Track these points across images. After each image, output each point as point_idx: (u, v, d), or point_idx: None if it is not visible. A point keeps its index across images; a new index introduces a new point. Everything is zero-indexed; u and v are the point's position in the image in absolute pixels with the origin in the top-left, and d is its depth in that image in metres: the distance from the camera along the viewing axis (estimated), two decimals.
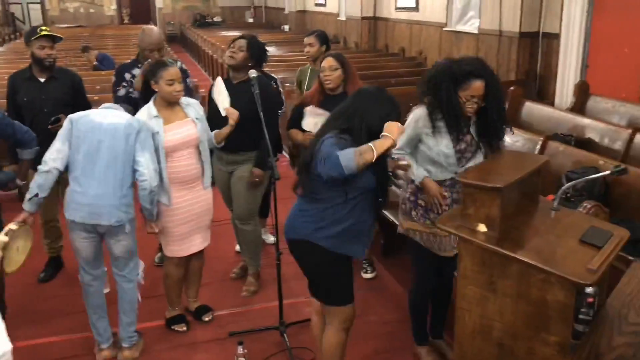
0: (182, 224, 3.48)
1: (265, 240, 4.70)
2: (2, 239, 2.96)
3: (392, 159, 2.85)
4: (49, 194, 4.07)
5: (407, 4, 10.58)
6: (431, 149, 2.96)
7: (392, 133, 2.50)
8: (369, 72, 8.15)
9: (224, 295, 4.11)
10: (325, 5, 15.02)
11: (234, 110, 3.63)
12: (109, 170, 3.12)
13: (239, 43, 3.80)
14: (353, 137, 2.55)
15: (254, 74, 3.58)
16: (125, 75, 4.08)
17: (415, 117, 2.97)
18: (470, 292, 2.40)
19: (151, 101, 3.41)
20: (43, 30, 3.99)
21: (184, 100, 3.48)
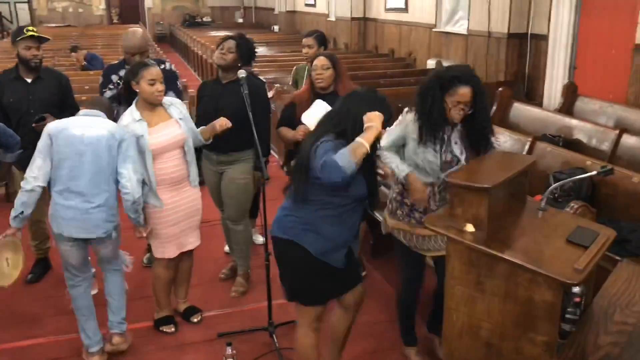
0: (172, 225, 3.46)
1: (254, 241, 4.69)
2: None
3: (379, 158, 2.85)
4: None
5: (397, 5, 10.62)
6: (417, 154, 2.96)
7: (374, 121, 2.51)
8: (358, 73, 8.16)
9: (213, 296, 4.10)
10: (315, 5, 15.03)
11: (226, 122, 3.57)
12: (94, 184, 3.10)
13: (228, 44, 3.79)
14: (347, 139, 2.54)
15: (243, 74, 3.58)
16: (112, 77, 4.06)
17: (406, 120, 2.97)
18: (459, 292, 2.41)
19: (133, 104, 3.37)
20: (29, 30, 3.96)
21: (167, 100, 3.45)
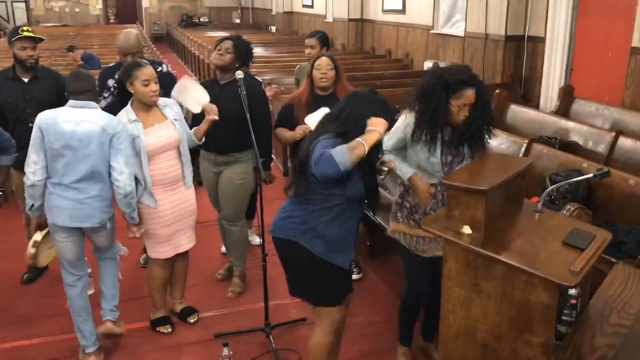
0: (166, 225, 3.46)
1: (251, 242, 4.69)
2: (32, 251, 3.41)
3: (380, 162, 2.83)
4: None
5: (394, 7, 10.63)
6: (418, 155, 2.96)
7: (378, 126, 2.50)
8: (355, 74, 8.17)
9: (209, 296, 4.09)
10: (312, 6, 15.04)
11: (212, 105, 3.55)
12: (88, 177, 3.12)
13: (226, 44, 3.79)
14: (347, 140, 2.53)
15: (240, 75, 3.58)
16: (109, 82, 4.05)
17: (406, 122, 2.96)
18: (455, 294, 2.41)
19: (129, 105, 3.37)
20: (24, 30, 3.95)
21: (162, 100, 3.45)
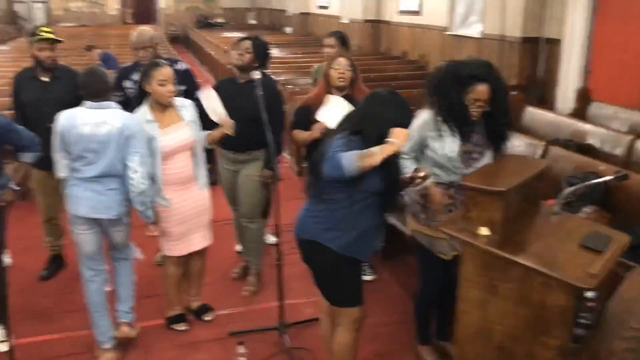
0: (179, 223, 3.49)
1: (265, 241, 4.70)
2: None
3: (414, 170, 2.82)
4: (49, 193, 4.12)
5: (410, 8, 10.61)
6: (437, 152, 2.97)
7: (399, 139, 2.50)
8: (370, 75, 8.16)
9: (224, 294, 4.11)
10: (327, 8, 15.04)
11: (229, 121, 3.58)
12: (107, 173, 3.20)
13: (245, 44, 3.83)
14: (363, 140, 2.55)
15: (257, 75, 3.60)
16: (124, 83, 4.09)
17: (421, 121, 2.97)
18: (472, 295, 2.41)
19: (145, 104, 3.40)
20: (43, 32, 4.00)
21: (179, 101, 3.48)
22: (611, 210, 3.75)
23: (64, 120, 3.23)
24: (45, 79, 4.05)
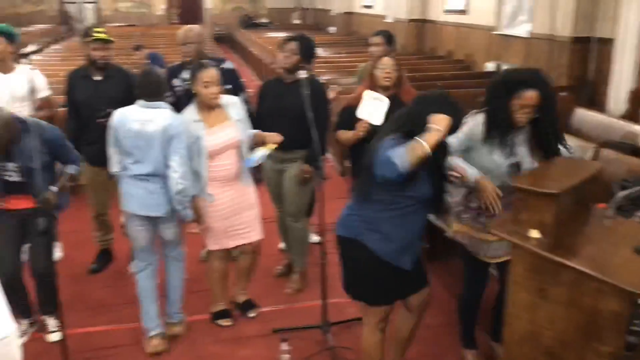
0: (223, 219, 3.54)
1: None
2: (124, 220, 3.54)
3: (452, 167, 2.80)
4: (100, 189, 4.24)
5: (456, 7, 10.49)
6: (482, 156, 2.93)
7: (440, 125, 2.44)
8: (415, 75, 8.10)
9: (267, 291, 4.15)
10: (372, 7, 15.00)
11: (277, 136, 3.59)
12: (155, 171, 3.31)
13: (291, 46, 3.86)
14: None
15: (304, 74, 3.61)
16: (173, 82, 4.16)
17: (474, 123, 2.94)
18: (520, 298, 2.37)
19: (194, 104, 3.46)
20: (96, 33, 4.12)
21: (226, 99, 3.52)
22: None
23: (118, 116, 3.37)
24: (97, 78, 4.16)
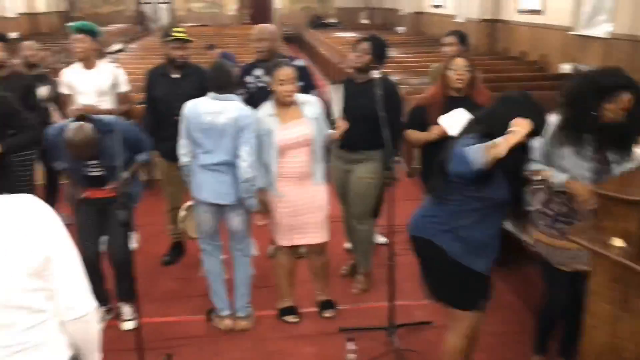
0: (290, 216, 3.57)
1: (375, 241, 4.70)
2: (182, 214, 3.88)
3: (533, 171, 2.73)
4: (174, 184, 4.38)
5: (531, 7, 10.18)
6: (565, 161, 2.84)
7: (521, 127, 2.38)
8: (487, 75, 7.92)
9: (333, 291, 4.13)
10: (442, 7, 14.77)
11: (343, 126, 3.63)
12: (225, 160, 3.45)
13: (363, 46, 3.85)
14: None
15: (376, 74, 3.60)
16: (246, 79, 4.24)
17: (553, 126, 2.85)
18: (601, 309, 2.27)
19: (270, 100, 3.54)
20: (176, 32, 4.25)
21: (303, 98, 3.56)
22: None
23: (189, 108, 3.52)
24: (175, 76, 4.29)
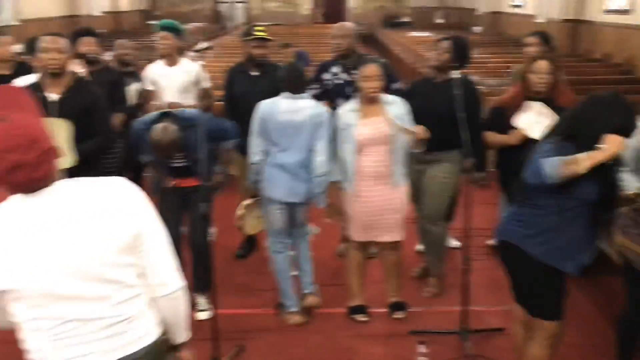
0: (365, 215, 3.58)
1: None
2: (240, 212, 3.81)
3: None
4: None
5: (619, 7, 9.74)
6: None
7: (611, 145, 2.31)
8: (570, 78, 7.62)
9: (404, 292, 4.09)
10: (522, 6, 14.35)
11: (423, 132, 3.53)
12: (300, 158, 3.52)
13: (444, 44, 3.82)
14: (577, 147, 2.39)
15: (457, 75, 3.56)
16: (324, 75, 4.28)
17: None
18: None
19: (357, 96, 3.59)
20: (257, 31, 4.34)
21: (389, 98, 3.57)
22: None
23: (265, 107, 3.59)
24: (255, 73, 4.39)
